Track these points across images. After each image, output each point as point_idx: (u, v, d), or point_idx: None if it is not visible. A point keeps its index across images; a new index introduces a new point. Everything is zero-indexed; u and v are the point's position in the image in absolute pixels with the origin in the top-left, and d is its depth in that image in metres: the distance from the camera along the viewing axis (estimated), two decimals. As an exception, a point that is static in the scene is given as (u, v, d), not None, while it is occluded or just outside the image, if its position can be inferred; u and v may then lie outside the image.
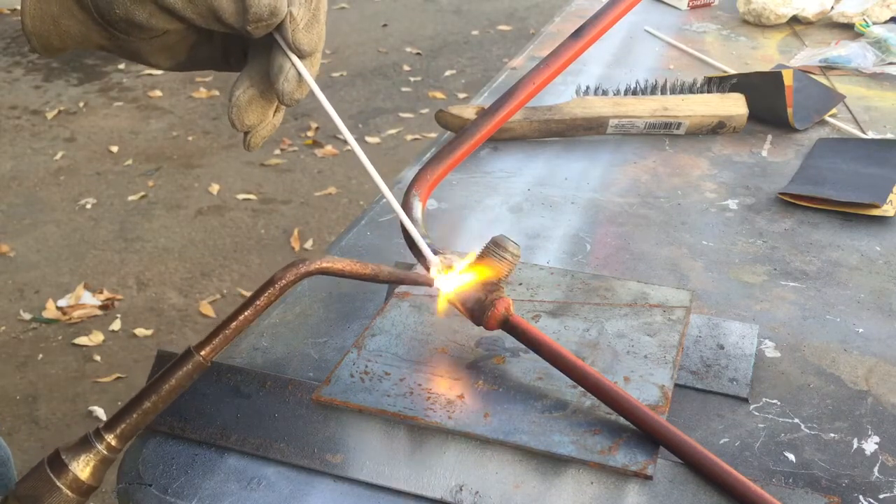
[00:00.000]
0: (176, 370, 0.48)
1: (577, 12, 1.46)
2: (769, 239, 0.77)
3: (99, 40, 0.50)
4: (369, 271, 0.53)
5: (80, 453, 0.47)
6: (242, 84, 0.51)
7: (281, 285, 0.50)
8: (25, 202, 2.76)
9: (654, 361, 0.57)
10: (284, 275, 0.50)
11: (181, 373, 0.48)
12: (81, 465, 0.47)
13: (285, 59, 0.49)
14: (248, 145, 0.53)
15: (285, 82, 0.49)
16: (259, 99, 0.51)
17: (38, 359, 2.06)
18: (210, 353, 0.49)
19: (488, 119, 0.72)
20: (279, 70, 0.49)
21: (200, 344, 0.49)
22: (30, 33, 0.49)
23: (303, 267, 0.50)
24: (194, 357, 0.49)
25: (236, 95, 0.51)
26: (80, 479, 0.46)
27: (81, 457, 0.47)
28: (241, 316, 0.49)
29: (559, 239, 0.77)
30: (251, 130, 0.53)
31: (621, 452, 0.50)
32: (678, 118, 0.96)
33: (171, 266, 2.41)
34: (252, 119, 0.52)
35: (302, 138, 3.13)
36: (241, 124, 0.52)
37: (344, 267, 0.52)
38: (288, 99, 0.50)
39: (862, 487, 0.50)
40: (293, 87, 0.49)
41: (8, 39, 4.17)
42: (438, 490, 0.50)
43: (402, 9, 4.61)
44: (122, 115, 3.38)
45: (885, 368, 0.60)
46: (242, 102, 0.51)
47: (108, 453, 0.48)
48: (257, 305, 0.49)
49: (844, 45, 1.19)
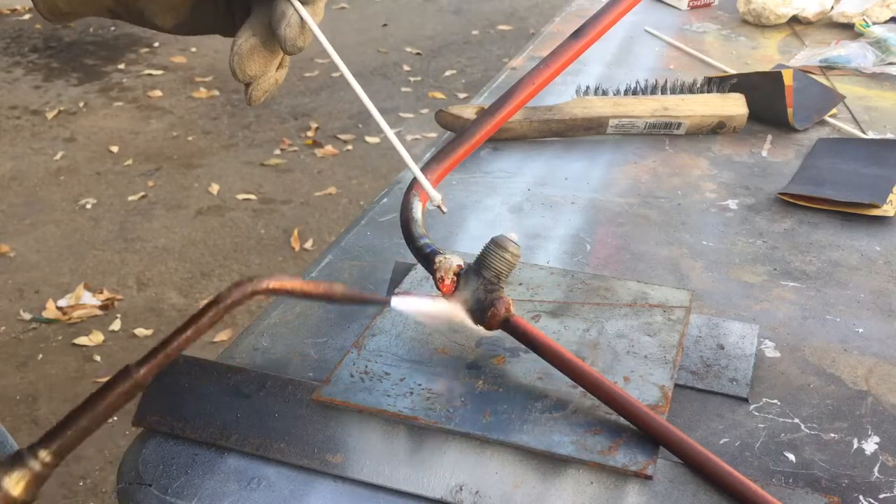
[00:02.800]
0: (113, 388, 0.47)
1: (577, 12, 1.46)
2: (769, 239, 0.77)
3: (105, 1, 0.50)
4: (321, 290, 0.52)
5: (13, 469, 0.46)
6: (245, 33, 0.50)
7: (225, 304, 0.48)
8: (25, 202, 2.76)
9: (653, 361, 0.57)
10: (230, 294, 0.48)
11: (117, 391, 0.47)
12: (14, 481, 0.46)
13: (288, 6, 0.49)
14: (250, 98, 0.53)
15: (287, 28, 0.49)
16: (261, 48, 0.51)
17: (38, 359, 2.06)
18: (148, 372, 0.47)
19: (488, 119, 0.72)
20: (281, 16, 0.49)
21: (139, 363, 0.48)
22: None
23: (249, 286, 0.49)
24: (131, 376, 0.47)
25: (238, 44, 0.50)
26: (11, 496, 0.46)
27: (14, 473, 0.46)
28: (183, 336, 0.48)
29: (559, 239, 0.77)
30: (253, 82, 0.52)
31: (621, 452, 0.50)
32: (678, 118, 0.96)
33: (171, 266, 2.41)
34: (254, 69, 0.51)
35: (302, 138, 3.13)
36: (242, 73, 0.51)
37: (294, 286, 0.50)
38: (290, 45, 0.49)
39: (862, 487, 0.50)
40: (296, 32, 0.49)
41: (8, 39, 4.17)
42: (438, 490, 0.50)
43: (402, 9, 4.61)
44: (122, 115, 3.38)
45: (885, 368, 0.60)
46: (244, 51, 0.50)
47: (42, 470, 0.46)
48: (200, 325, 0.48)
49: (844, 45, 1.19)
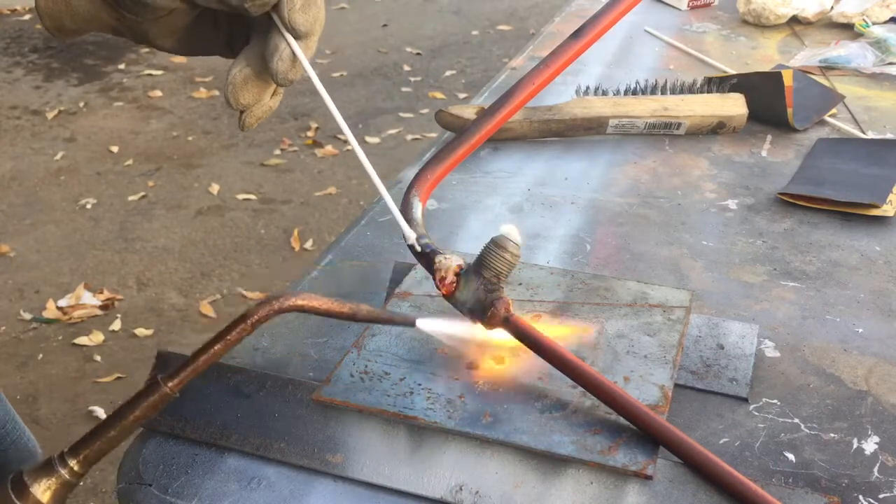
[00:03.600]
0: (143, 399, 0.48)
1: (577, 12, 1.46)
2: (769, 239, 0.77)
3: (109, 20, 0.51)
4: (346, 310, 0.52)
5: (42, 477, 0.47)
6: (239, 63, 0.52)
7: (253, 321, 0.49)
8: (25, 202, 2.76)
9: (653, 361, 0.57)
10: (257, 311, 0.49)
11: (147, 403, 0.48)
12: (42, 489, 0.47)
13: (281, 39, 0.50)
14: (243, 125, 0.54)
15: (279, 62, 0.50)
16: (255, 79, 0.52)
17: (38, 359, 2.06)
18: (177, 385, 0.49)
19: (488, 119, 0.72)
20: (274, 49, 0.50)
21: (169, 376, 0.49)
22: (43, 13, 0.50)
23: (276, 304, 0.50)
24: (161, 389, 0.48)
25: (233, 74, 0.52)
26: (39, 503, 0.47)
27: (43, 480, 0.47)
28: (212, 350, 0.49)
29: (559, 239, 0.77)
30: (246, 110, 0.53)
31: (621, 452, 0.50)
32: (678, 118, 0.96)
33: (171, 266, 2.41)
34: (247, 98, 0.52)
35: (302, 138, 3.13)
36: (235, 103, 0.52)
37: (320, 304, 0.51)
38: (281, 78, 0.50)
39: (862, 487, 0.50)
40: (287, 66, 0.50)
41: (8, 39, 4.17)
42: (438, 490, 0.50)
43: (402, 9, 4.61)
44: (123, 115, 3.38)
45: (885, 368, 0.60)
46: (238, 81, 0.52)
47: (70, 478, 0.48)
48: (228, 340, 0.49)
49: (844, 46, 1.19)
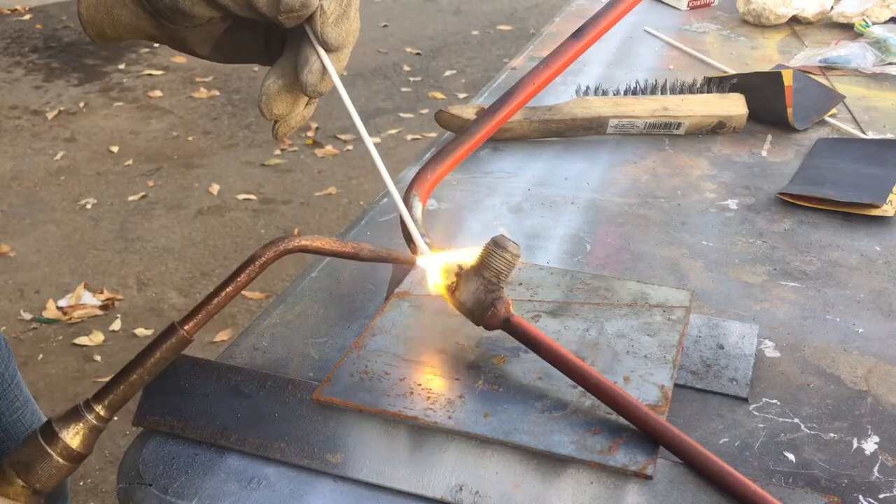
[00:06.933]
0: (160, 344, 0.51)
1: (577, 12, 1.47)
2: (769, 239, 0.77)
3: (148, 29, 0.53)
4: (349, 250, 0.55)
5: (70, 423, 0.49)
6: (273, 74, 0.53)
7: (261, 262, 0.51)
8: (26, 202, 2.76)
9: (653, 361, 0.57)
10: (265, 252, 0.51)
11: (165, 346, 0.50)
12: (71, 434, 0.49)
13: (312, 52, 0.51)
14: (276, 134, 0.55)
15: (309, 74, 0.50)
16: (287, 90, 0.53)
17: (38, 359, 2.06)
18: (193, 327, 0.51)
19: (488, 119, 0.72)
20: (305, 62, 0.51)
21: (184, 319, 0.51)
22: (85, 21, 0.52)
23: (282, 244, 0.52)
24: (178, 332, 0.50)
25: (266, 85, 0.53)
26: (70, 447, 0.49)
27: (71, 426, 0.49)
28: (223, 292, 0.51)
29: (559, 239, 0.77)
30: (279, 120, 0.54)
31: (621, 452, 0.50)
32: (678, 118, 0.96)
33: (171, 266, 2.41)
34: (280, 109, 0.53)
35: (302, 138, 3.13)
36: (269, 113, 0.53)
37: (324, 245, 0.53)
38: (311, 91, 0.51)
39: (862, 487, 0.50)
40: (316, 79, 0.51)
41: (8, 39, 4.17)
42: (438, 490, 0.50)
43: (402, 9, 4.61)
44: (123, 116, 3.38)
45: (884, 368, 0.60)
46: (271, 92, 0.52)
47: (97, 423, 0.50)
48: (238, 282, 0.51)
49: (844, 46, 1.19)
